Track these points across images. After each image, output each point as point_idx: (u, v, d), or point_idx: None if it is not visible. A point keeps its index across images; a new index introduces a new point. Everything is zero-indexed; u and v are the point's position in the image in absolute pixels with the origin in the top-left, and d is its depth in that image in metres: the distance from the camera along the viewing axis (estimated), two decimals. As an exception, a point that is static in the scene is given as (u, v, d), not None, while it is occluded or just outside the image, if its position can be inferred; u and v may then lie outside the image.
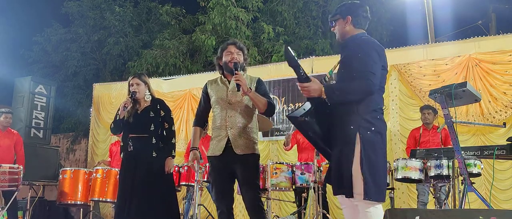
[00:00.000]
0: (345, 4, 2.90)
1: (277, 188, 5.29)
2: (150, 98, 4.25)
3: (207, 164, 5.71)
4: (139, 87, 4.16)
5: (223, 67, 3.41)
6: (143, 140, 4.10)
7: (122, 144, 4.22)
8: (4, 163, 5.73)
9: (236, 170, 3.26)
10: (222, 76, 3.46)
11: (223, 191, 3.27)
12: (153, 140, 4.11)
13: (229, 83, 3.38)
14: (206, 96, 3.48)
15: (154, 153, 4.09)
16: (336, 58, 7.62)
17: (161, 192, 4.07)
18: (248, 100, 3.33)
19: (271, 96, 3.96)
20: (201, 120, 3.54)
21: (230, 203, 3.29)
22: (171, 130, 4.24)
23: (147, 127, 4.12)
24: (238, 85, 3.15)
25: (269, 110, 3.31)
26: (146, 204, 3.95)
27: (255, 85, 3.40)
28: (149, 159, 4.06)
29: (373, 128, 2.58)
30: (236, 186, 3.46)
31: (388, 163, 5.12)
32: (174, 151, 4.22)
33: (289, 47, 2.60)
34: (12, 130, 6.52)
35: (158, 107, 4.23)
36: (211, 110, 3.50)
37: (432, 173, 4.73)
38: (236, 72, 3.20)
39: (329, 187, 6.85)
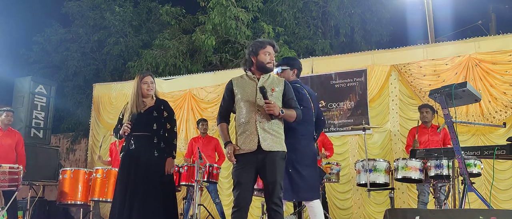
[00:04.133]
0: (294, 59, 4.01)
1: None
2: (154, 97, 4.29)
3: (207, 164, 5.72)
4: (153, 86, 4.24)
5: (257, 64, 3.39)
6: (145, 138, 4.12)
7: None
8: (6, 162, 5.70)
9: (262, 166, 3.23)
10: (250, 73, 3.44)
11: (247, 188, 3.22)
12: (155, 139, 4.14)
13: (258, 80, 3.37)
14: (231, 93, 3.44)
15: (155, 152, 4.10)
16: (336, 58, 7.70)
17: (161, 192, 4.08)
18: (275, 96, 3.33)
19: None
20: (226, 116, 3.50)
21: (250, 201, 3.26)
22: (173, 131, 4.26)
23: (150, 126, 4.14)
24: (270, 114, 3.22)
25: (297, 120, 3.40)
26: (147, 204, 3.95)
27: (282, 88, 3.40)
28: (150, 158, 4.07)
29: None
30: None
31: (388, 163, 5.13)
32: (175, 152, 4.24)
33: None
34: (13, 129, 6.51)
35: (162, 107, 4.26)
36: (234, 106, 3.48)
37: (432, 173, 4.74)
38: (266, 101, 3.22)
39: (329, 187, 6.87)
